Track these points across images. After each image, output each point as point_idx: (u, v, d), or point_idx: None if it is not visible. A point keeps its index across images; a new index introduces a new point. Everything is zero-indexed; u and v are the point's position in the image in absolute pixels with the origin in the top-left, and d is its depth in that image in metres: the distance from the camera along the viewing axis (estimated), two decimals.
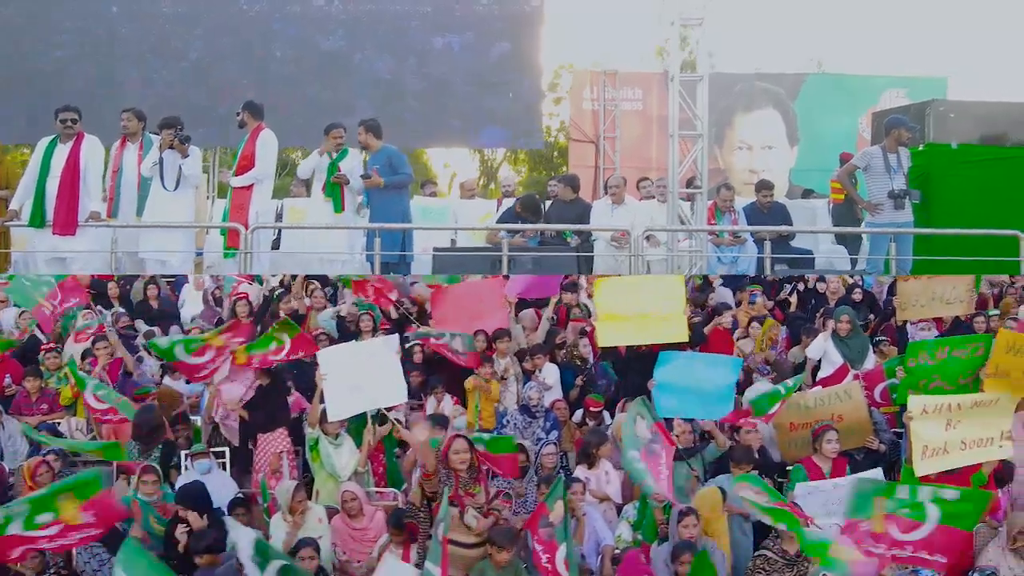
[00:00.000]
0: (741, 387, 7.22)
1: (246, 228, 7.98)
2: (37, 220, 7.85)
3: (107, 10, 12.92)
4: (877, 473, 6.18)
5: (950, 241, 8.68)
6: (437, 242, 9.52)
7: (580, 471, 6.43)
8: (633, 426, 5.92)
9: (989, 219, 8.49)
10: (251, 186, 8.36)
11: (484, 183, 29.51)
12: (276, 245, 9.81)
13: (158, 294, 9.33)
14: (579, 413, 7.38)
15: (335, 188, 8.60)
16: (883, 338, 8.37)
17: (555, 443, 6.71)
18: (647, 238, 8.73)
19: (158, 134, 8.25)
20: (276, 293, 8.70)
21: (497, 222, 9.76)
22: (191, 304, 9.60)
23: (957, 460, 5.71)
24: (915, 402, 5.81)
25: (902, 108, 11.07)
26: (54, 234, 7.82)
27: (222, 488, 6.27)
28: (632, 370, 7.38)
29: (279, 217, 10.58)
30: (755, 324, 8.51)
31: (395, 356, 6.64)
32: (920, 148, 9.03)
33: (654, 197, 10.52)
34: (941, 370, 6.29)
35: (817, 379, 7.57)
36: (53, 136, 8.01)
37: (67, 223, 7.78)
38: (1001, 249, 8.37)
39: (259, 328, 7.30)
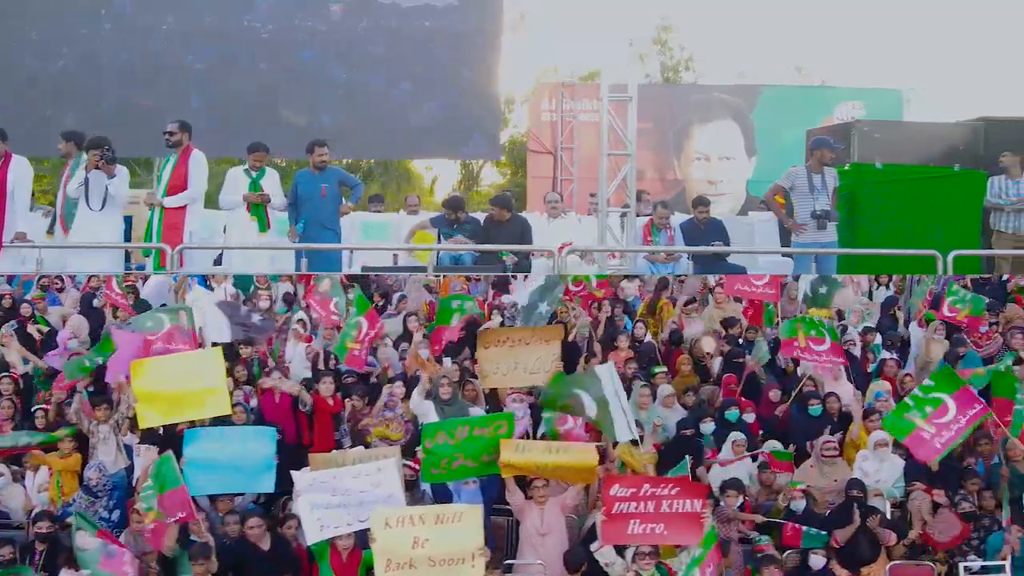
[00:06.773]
0: None
1: (181, 247, 7.98)
2: None
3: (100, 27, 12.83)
4: None
5: (873, 260, 8.77)
6: (378, 259, 9.58)
7: None
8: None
9: (913, 238, 8.53)
10: (184, 206, 8.42)
11: (466, 187, 29.70)
12: (219, 261, 9.89)
13: None
14: None
15: (259, 207, 8.67)
16: (488, 407, 7.55)
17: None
18: (579, 255, 8.81)
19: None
20: None
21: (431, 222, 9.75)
22: None
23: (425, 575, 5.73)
24: (377, 515, 5.74)
25: (828, 128, 11.15)
26: None
27: None
28: None
29: (225, 230, 10.60)
30: None
31: None
32: (846, 168, 9.10)
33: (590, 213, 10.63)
34: (463, 449, 6.22)
35: None
36: None
37: None
38: (921, 268, 8.46)
39: None
